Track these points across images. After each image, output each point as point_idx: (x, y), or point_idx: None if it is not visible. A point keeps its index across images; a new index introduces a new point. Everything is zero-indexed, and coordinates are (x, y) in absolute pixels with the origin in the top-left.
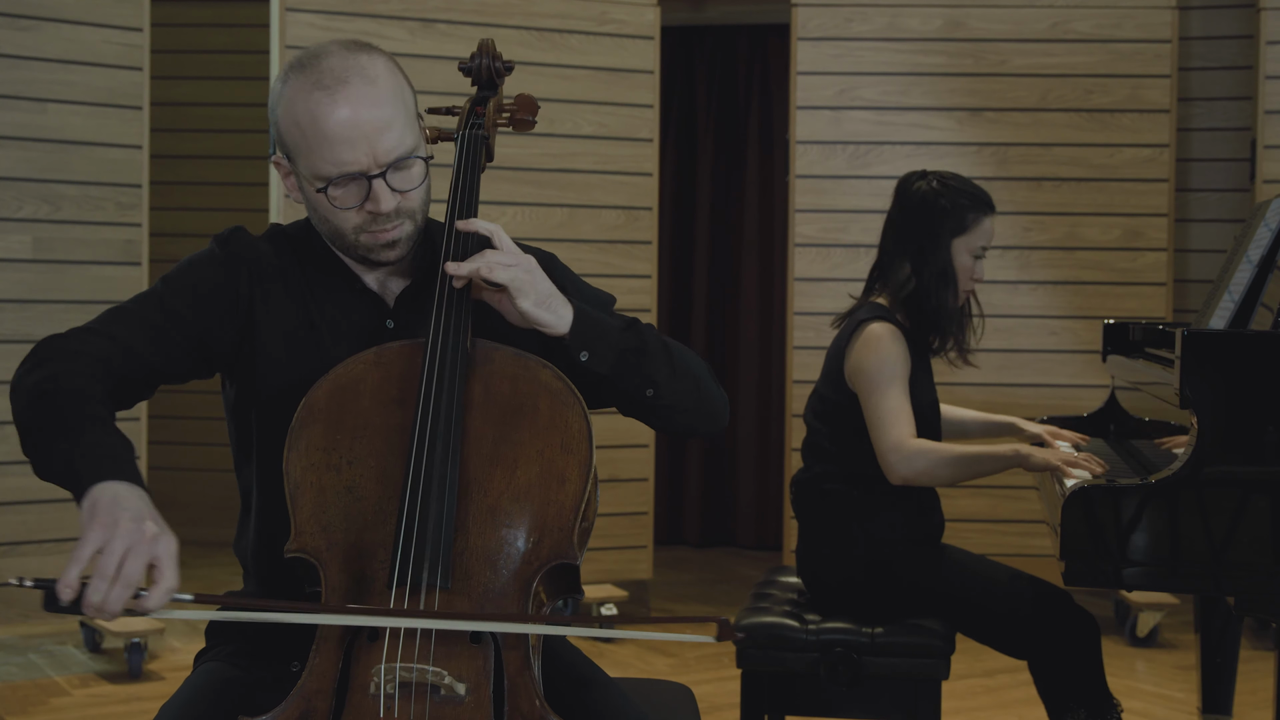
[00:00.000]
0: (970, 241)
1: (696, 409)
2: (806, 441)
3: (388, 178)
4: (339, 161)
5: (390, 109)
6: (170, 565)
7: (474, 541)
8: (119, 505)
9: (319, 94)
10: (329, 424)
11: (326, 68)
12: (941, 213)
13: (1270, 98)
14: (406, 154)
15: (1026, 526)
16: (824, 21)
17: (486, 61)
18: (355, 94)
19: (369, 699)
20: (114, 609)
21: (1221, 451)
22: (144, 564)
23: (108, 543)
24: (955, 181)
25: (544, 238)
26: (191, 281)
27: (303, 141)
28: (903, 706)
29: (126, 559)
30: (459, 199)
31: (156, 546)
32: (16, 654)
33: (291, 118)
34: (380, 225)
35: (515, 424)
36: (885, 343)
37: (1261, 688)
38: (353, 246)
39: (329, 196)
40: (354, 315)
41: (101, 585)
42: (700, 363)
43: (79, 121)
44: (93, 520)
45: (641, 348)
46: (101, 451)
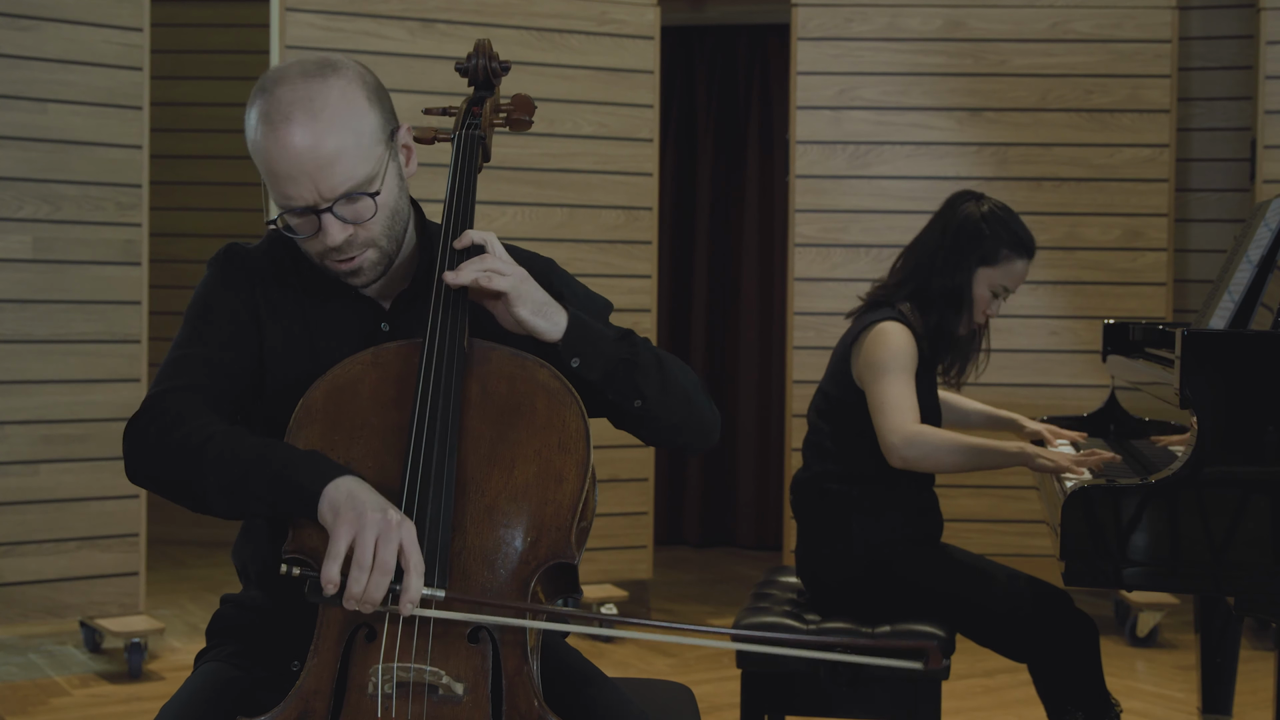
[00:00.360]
0: (994, 277)
1: (685, 424)
2: (808, 440)
3: (336, 210)
4: (285, 196)
5: (336, 142)
6: (414, 548)
7: (472, 541)
8: (356, 498)
9: (264, 127)
10: (326, 424)
11: (276, 97)
12: (978, 236)
13: (1270, 98)
14: (355, 188)
15: (1026, 526)
16: (824, 21)
17: (483, 62)
18: (296, 131)
19: (367, 699)
20: (376, 596)
21: (1221, 451)
22: (395, 549)
23: (357, 537)
24: (1004, 214)
25: (544, 238)
26: (216, 309)
27: (260, 170)
28: (903, 706)
29: (379, 547)
30: (455, 200)
31: (402, 530)
32: (16, 654)
33: (250, 143)
34: (337, 256)
35: (512, 424)
36: (895, 337)
37: (1261, 688)
38: (325, 269)
39: (283, 224)
40: (350, 319)
41: (361, 576)
42: (693, 379)
43: (79, 121)
44: (338, 519)
45: (633, 359)
46: (301, 458)
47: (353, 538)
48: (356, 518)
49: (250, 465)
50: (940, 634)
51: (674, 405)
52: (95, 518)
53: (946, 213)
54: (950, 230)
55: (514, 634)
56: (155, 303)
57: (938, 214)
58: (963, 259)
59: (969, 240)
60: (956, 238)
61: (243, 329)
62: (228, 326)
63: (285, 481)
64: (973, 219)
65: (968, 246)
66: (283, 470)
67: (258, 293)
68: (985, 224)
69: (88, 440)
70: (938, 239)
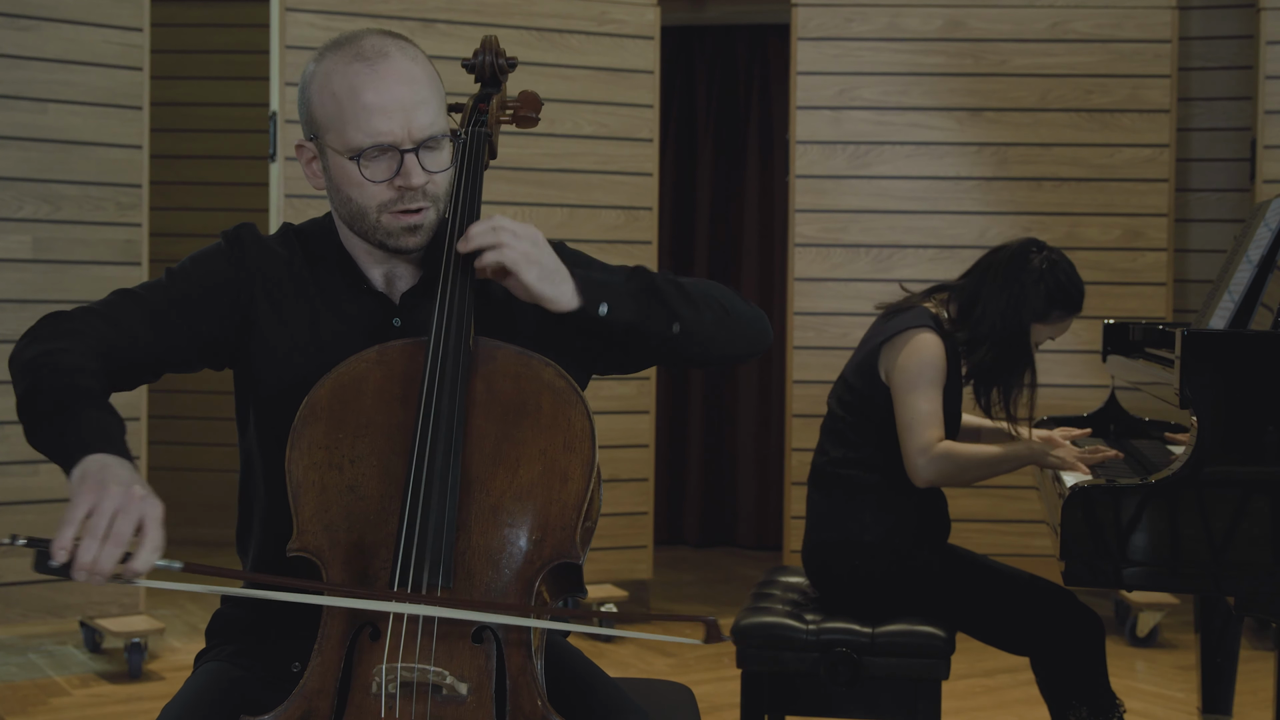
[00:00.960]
0: (1041, 332)
1: (732, 334)
2: (826, 426)
3: (420, 155)
4: (375, 131)
5: (427, 89)
6: (156, 526)
7: (476, 541)
8: (107, 471)
9: (359, 64)
10: (331, 423)
11: (368, 44)
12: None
13: (1270, 98)
14: (439, 134)
15: (1026, 526)
16: (824, 21)
17: (490, 58)
18: (396, 68)
19: (371, 698)
20: (105, 568)
21: (1221, 451)
22: (134, 523)
23: (98, 504)
24: (1064, 272)
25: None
26: (198, 275)
27: (337, 113)
28: (903, 706)
29: (116, 518)
30: (462, 196)
31: (144, 506)
32: (16, 654)
33: (328, 90)
34: (406, 204)
35: (518, 422)
36: (930, 349)
37: (1261, 688)
38: (374, 228)
39: (360, 167)
40: (360, 314)
41: (93, 545)
42: (721, 288)
43: (79, 121)
44: (82, 485)
45: (652, 287)
46: (93, 427)
47: (91, 508)
48: (98, 487)
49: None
50: (941, 634)
51: (712, 319)
52: None
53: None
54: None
55: (518, 633)
56: None
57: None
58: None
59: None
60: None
61: (221, 303)
62: (200, 297)
63: (61, 438)
64: (1035, 272)
65: (1028, 299)
66: (66, 427)
67: (261, 281)
68: (1046, 278)
69: None
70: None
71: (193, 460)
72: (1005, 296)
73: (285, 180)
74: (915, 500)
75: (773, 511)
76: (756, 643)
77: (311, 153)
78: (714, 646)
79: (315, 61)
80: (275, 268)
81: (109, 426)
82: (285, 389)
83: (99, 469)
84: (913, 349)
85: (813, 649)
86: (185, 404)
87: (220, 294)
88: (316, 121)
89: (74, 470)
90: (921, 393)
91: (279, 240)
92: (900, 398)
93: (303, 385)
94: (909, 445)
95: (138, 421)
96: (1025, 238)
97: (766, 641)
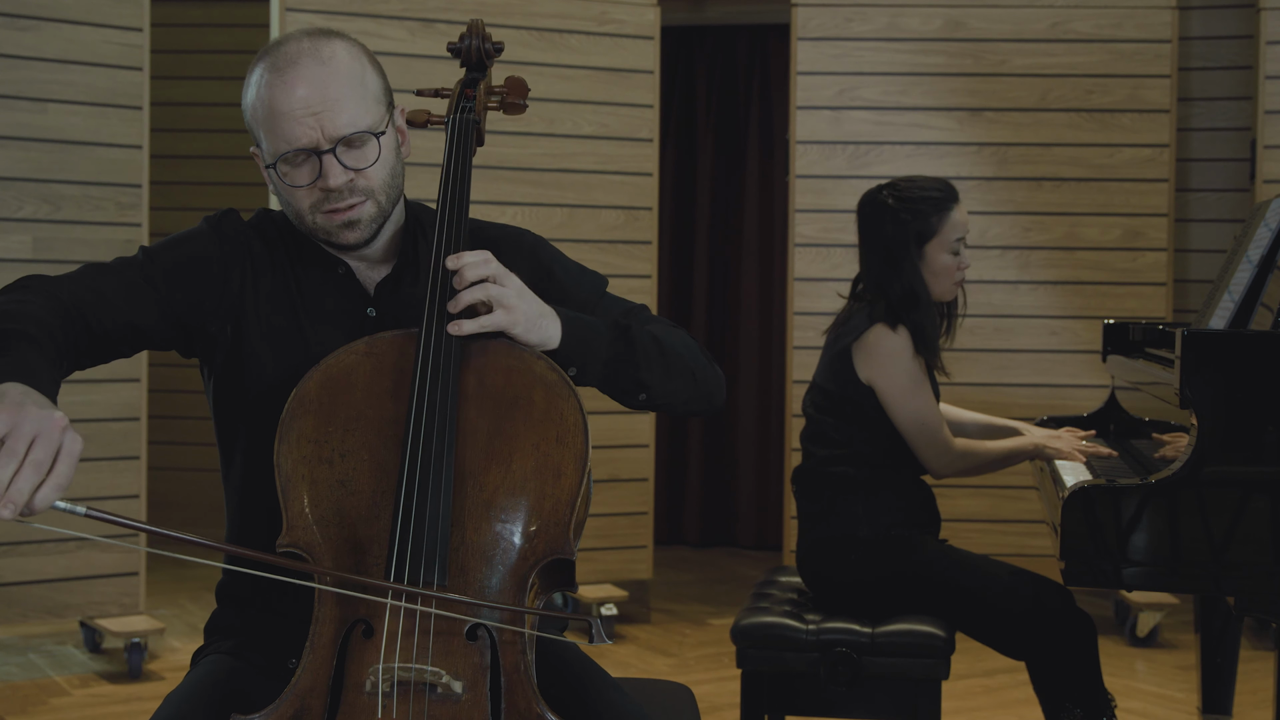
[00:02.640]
0: (944, 242)
1: (691, 398)
2: (807, 433)
3: (338, 153)
4: (288, 138)
5: (341, 88)
6: (69, 461)
7: (470, 536)
8: (29, 396)
9: (271, 75)
10: (320, 416)
11: (282, 52)
12: (904, 225)
13: (1270, 98)
14: (359, 131)
15: (1026, 526)
16: (824, 21)
17: (476, 43)
18: (304, 74)
19: (364, 697)
20: (19, 492)
21: (1221, 451)
22: (53, 450)
23: (15, 425)
24: (910, 189)
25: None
26: (177, 253)
27: (261, 123)
28: (903, 706)
29: (35, 442)
30: (450, 184)
31: (65, 436)
32: (16, 654)
33: (251, 102)
34: (333, 203)
35: (510, 416)
36: (899, 349)
37: (1261, 688)
38: (313, 230)
39: (279, 173)
40: (335, 303)
41: (9, 465)
42: (694, 349)
43: (79, 121)
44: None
45: (630, 356)
46: (23, 364)
47: (9, 429)
48: (16, 408)
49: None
50: (941, 634)
51: (678, 386)
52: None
53: (862, 221)
54: (875, 235)
55: (513, 632)
56: None
57: (859, 229)
58: (900, 255)
59: (897, 234)
60: (884, 239)
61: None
62: (178, 274)
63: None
64: (887, 214)
65: (898, 241)
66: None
67: (245, 269)
68: (901, 211)
69: (88, 440)
70: (872, 251)
71: (193, 460)
72: (878, 252)
73: None
74: (906, 492)
75: (773, 511)
76: (756, 643)
77: (259, 157)
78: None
79: (248, 72)
80: (256, 255)
81: (38, 370)
82: (268, 380)
83: (20, 393)
84: (885, 352)
85: (813, 649)
86: (185, 404)
87: (201, 276)
88: (252, 130)
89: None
90: (916, 395)
91: (258, 228)
92: (898, 405)
93: (283, 375)
94: (925, 450)
95: (137, 421)
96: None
97: (766, 641)
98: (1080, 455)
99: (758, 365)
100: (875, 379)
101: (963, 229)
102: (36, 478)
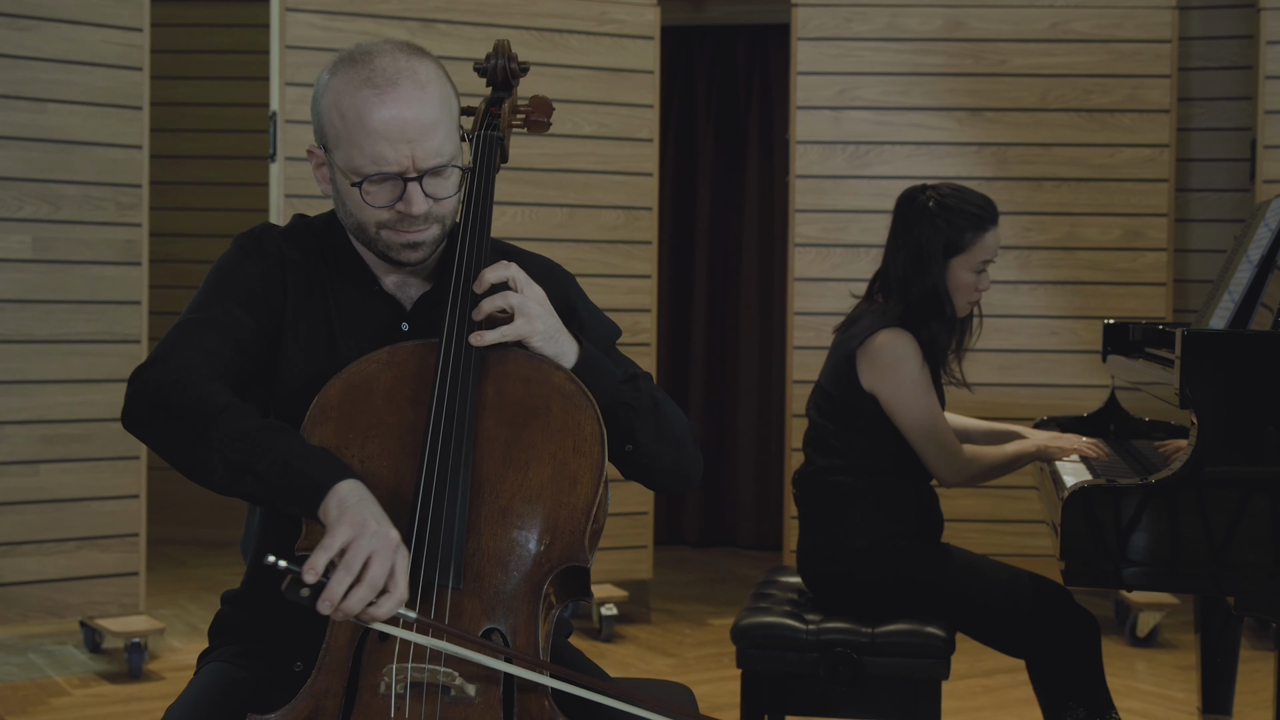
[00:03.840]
0: (970, 260)
1: (669, 470)
2: (809, 437)
3: (423, 182)
4: (379, 159)
5: (435, 115)
6: (404, 578)
7: (486, 543)
8: (364, 506)
9: (367, 91)
10: (341, 423)
11: (379, 66)
12: (936, 232)
13: (1270, 98)
14: (446, 161)
15: (1026, 526)
16: (824, 21)
17: (502, 63)
18: (404, 96)
19: (379, 698)
20: (352, 608)
21: (1221, 451)
22: (387, 569)
23: (354, 541)
24: (954, 199)
25: (544, 238)
26: (240, 283)
27: (344, 134)
28: (903, 706)
29: (372, 561)
30: (474, 201)
31: (398, 555)
32: (16, 654)
33: (337, 109)
34: (406, 226)
35: (528, 425)
36: (906, 355)
37: (1261, 688)
38: (374, 241)
39: (363, 192)
40: (370, 316)
41: (345, 579)
42: (685, 426)
43: (79, 121)
44: (343, 517)
45: (633, 404)
46: (314, 452)
47: (349, 541)
48: (360, 523)
49: (261, 445)
50: (941, 634)
51: (662, 453)
52: (95, 518)
53: (898, 217)
54: (907, 233)
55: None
56: (155, 303)
57: (893, 222)
58: (929, 259)
59: (927, 238)
60: (915, 240)
61: (262, 299)
62: (246, 294)
63: (294, 471)
64: (925, 215)
65: (929, 244)
66: (293, 459)
67: (290, 282)
68: (938, 217)
69: (88, 440)
70: (900, 247)
71: None
72: (909, 250)
73: (285, 180)
74: (906, 501)
75: (773, 511)
76: (756, 643)
77: (320, 159)
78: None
79: (329, 72)
80: (295, 267)
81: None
82: (297, 388)
83: (359, 500)
84: (891, 357)
85: (813, 649)
86: None
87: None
88: (325, 134)
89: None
90: (920, 404)
91: (296, 239)
92: (903, 413)
93: (313, 384)
94: (933, 458)
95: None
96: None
97: (766, 641)
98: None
99: (758, 365)
100: (879, 386)
101: (992, 252)
102: (370, 596)
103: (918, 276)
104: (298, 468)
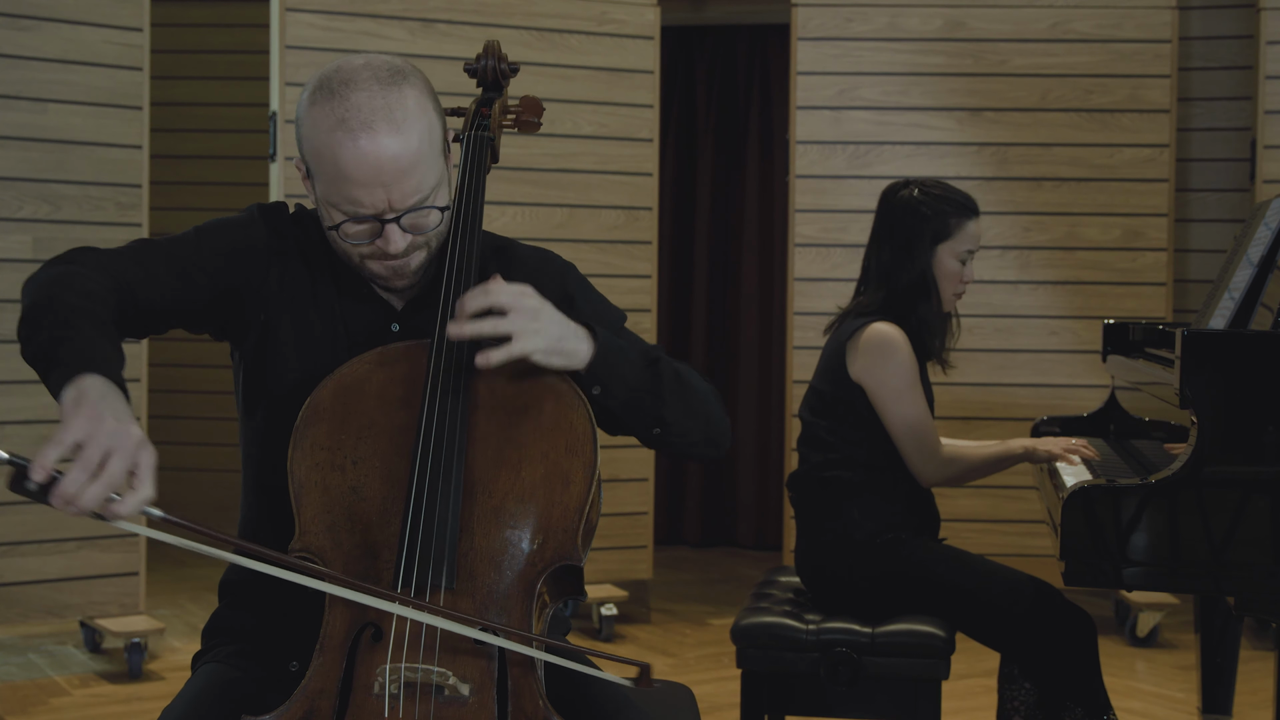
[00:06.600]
0: (955, 247)
1: (702, 440)
2: (803, 437)
3: (402, 220)
4: (354, 201)
5: (413, 154)
6: (149, 476)
7: (479, 542)
8: (105, 402)
9: (340, 134)
10: (333, 423)
11: (354, 104)
12: (921, 219)
13: (1270, 98)
14: (426, 195)
15: (1026, 526)
16: (824, 21)
17: (492, 63)
18: (379, 140)
19: (373, 699)
20: (87, 504)
21: (1221, 451)
22: (126, 467)
23: (91, 436)
24: (938, 189)
25: (544, 238)
26: (229, 238)
27: (320, 172)
28: (903, 706)
29: (110, 457)
30: (465, 202)
31: (141, 453)
32: (16, 654)
33: (312, 144)
34: (388, 259)
35: (520, 425)
36: (896, 348)
37: (1261, 688)
38: (359, 268)
39: (340, 233)
40: (360, 317)
41: (80, 477)
42: (710, 393)
43: (79, 121)
44: (78, 410)
45: (655, 387)
46: (95, 350)
47: (85, 437)
48: (97, 418)
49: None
50: (941, 634)
51: (693, 426)
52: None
53: (883, 212)
54: (894, 225)
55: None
56: None
57: (877, 217)
58: (916, 246)
59: (914, 227)
60: (903, 230)
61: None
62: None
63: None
64: (910, 205)
65: (916, 233)
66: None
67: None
68: (923, 205)
69: None
70: (886, 240)
71: (193, 460)
72: (895, 241)
73: (285, 180)
74: (902, 494)
75: (773, 511)
76: (756, 643)
77: (304, 172)
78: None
79: (308, 99)
80: (294, 255)
81: (110, 355)
82: (289, 387)
83: (98, 396)
84: (881, 355)
85: (813, 649)
86: (185, 404)
87: (248, 261)
88: (305, 160)
89: (67, 389)
90: (906, 399)
91: (302, 225)
92: (888, 408)
93: (305, 384)
94: (914, 455)
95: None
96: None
97: (766, 641)
98: (1070, 456)
99: (758, 365)
100: (866, 377)
101: (974, 242)
102: (105, 492)
103: (906, 263)
104: (56, 352)
